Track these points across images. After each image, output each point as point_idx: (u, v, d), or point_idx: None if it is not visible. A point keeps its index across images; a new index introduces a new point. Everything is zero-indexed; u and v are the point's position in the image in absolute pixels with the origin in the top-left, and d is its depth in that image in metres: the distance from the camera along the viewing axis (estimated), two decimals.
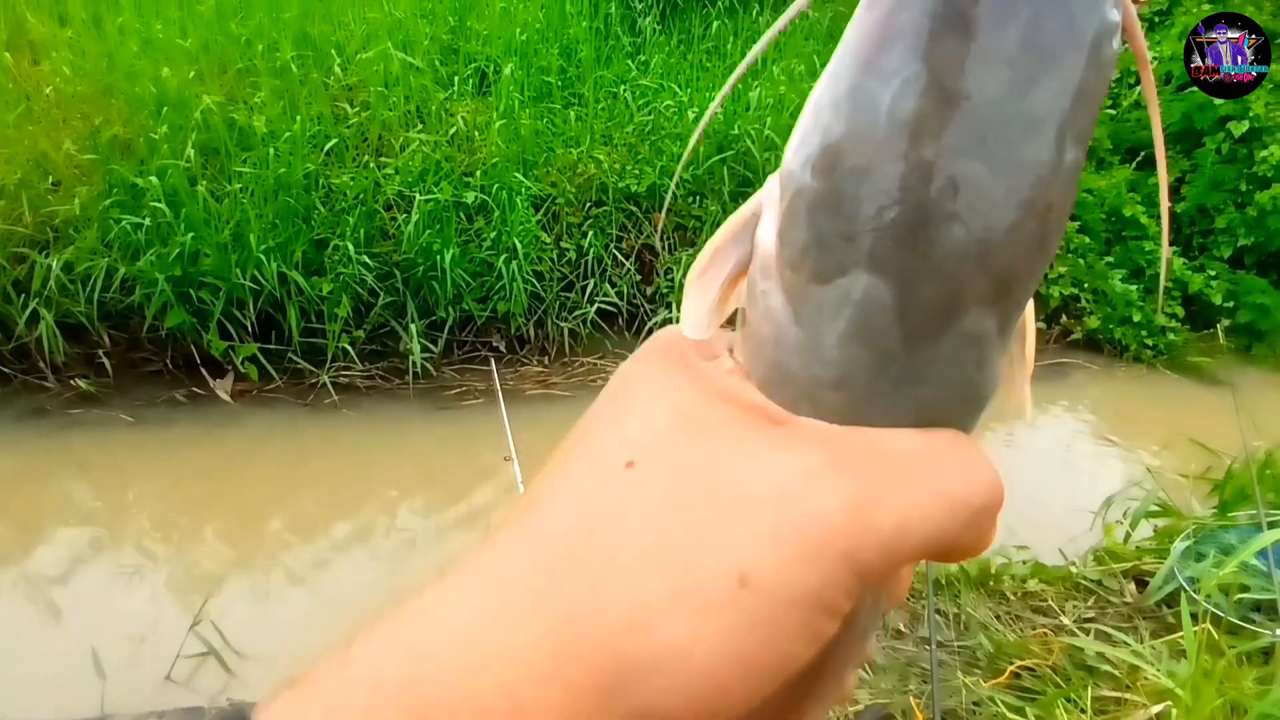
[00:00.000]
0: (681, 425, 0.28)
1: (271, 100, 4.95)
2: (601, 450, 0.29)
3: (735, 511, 0.26)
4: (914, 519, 0.26)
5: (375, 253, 4.73)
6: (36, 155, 4.64)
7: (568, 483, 0.29)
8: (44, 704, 2.64)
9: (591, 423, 0.31)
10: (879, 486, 0.26)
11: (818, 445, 0.27)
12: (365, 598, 3.36)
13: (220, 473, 4.11)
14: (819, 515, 0.25)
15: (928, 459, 0.27)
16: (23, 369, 4.45)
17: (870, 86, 0.26)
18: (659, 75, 5.95)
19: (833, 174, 0.27)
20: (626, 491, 0.27)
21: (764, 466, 0.27)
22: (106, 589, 3.36)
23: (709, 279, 0.32)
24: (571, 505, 0.28)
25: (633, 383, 0.32)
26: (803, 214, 0.28)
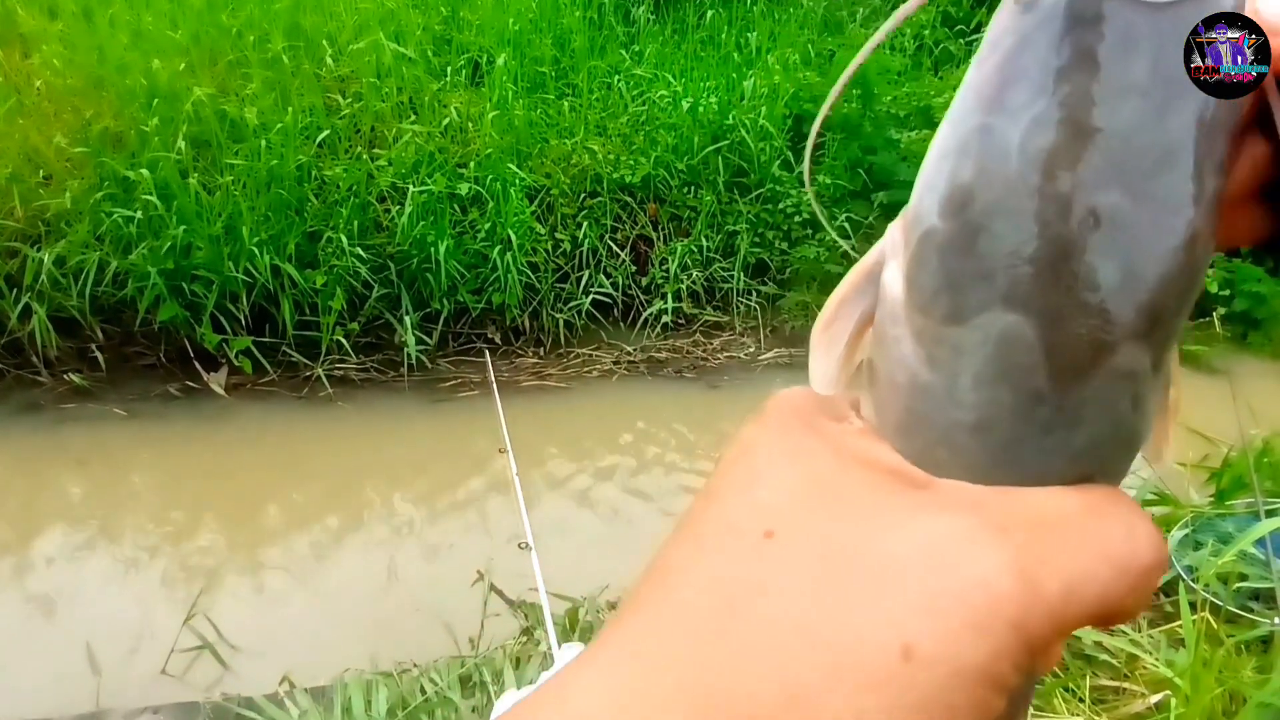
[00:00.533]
0: (817, 492, 0.27)
1: (263, 92, 4.92)
2: (734, 520, 0.28)
3: (888, 581, 0.24)
4: (1081, 583, 0.25)
5: (369, 245, 4.70)
6: (27, 149, 4.60)
7: (702, 555, 0.27)
8: (39, 699, 2.63)
9: (718, 490, 0.30)
10: (1041, 548, 0.25)
11: (967, 508, 0.26)
12: (360, 590, 3.35)
13: (215, 466, 4.10)
14: (981, 581, 0.24)
15: (1088, 518, 0.26)
16: (15, 364, 4.43)
17: (998, 125, 0.26)
18: (653, 65, 5.92)
19: (964, 213, 0.26)
20: (768, 563, 0.26)
21: (912, 532, 0.25)
22: (101, 584, 3.35)
23: (835, 332, 0.31)
24: (710, 579, 0.26)
25: (758, 448, 0.30)
26: (933, 255, 0.27)
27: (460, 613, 3.04)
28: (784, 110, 5.62)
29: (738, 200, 5.41)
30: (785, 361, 5.14)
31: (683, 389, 4.89)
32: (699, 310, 5.28)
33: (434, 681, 2.55)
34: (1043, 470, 0.27)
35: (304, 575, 3.43)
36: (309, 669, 2.68)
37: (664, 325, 5.14)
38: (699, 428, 4.67)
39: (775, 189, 5.41)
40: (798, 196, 5.38)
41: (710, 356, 5.11)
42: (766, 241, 5.40)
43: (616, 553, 3.56)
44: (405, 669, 2.67)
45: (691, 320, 5.26)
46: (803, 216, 5.36)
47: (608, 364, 4.98)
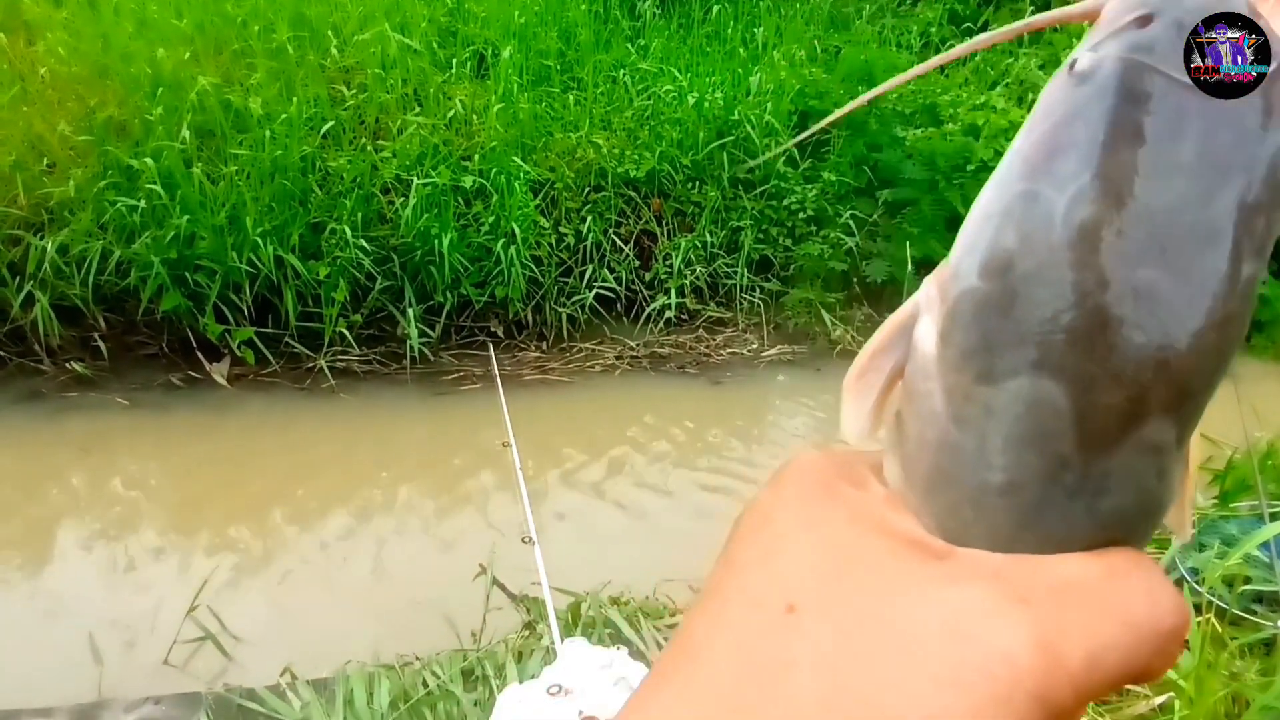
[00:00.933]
0: (837, 563, 0.27)
1: (267, 82, 4.91)
2: (755, 593, 0.28)
3: (910, 655, 0.24)
4: (1103, 651, 0.25)
5: (372, 236, 4.69)
6: (31, 137, 4.60)
7: (724, 629, 0.27)
8: (41, 689, 2.63)
9: (737, 560, 0.30)
10: (1062, 618, 0.25)
11: (987, 578, 0.26)
12: (362, 583, 3.35)
13: (217, 457, 4.10)
14: (1003, 654, 0.24)
15: (1109, 584, 0.26)
16: (18, 352, 4.42)
17: (1044, 193, 0.26)
18: (658, 59, 5.91)
19: (1004, 277, 0.27)
20: (790, 638, 0.26)
21: (932, 604, 0.25)
22: (103, 574, 3.35)
23: (867, 383, 0.31)
24: (733, 654, 0.26)
25: (776, 515, 0.30)
26: (970, 315, 0.27)
27: (462, 606, 3.04)
28: (789, 106, 5.61)
29: (742, 196, 5.40)
30: (788, 358, 5.14)
31: (685, 385, 4.89)
32: (702, 306, 5.27)
33: (436, 675, 2.55)
34: (1067, 534, 0.27)
35: (306, 567, 3.43)
36: (311, 661, 2.68)
37: (667, 320, 5.14)
38: (702, 423, 4.67)
39: (780, 185, 5.40)
40: (802, 193, 5.37)
41: (713, 352, 5.10)
42: (770, 238, 5.39)
43: (619, 548, 3.56)
44: (407, 662, 2.68)
45: (694, 316, 5.26)
46: (806, 213, 5.35)
47: (610, 359, 4.98)
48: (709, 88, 5.57)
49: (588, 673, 2.31)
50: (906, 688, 0.24)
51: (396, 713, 2.42)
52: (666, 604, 2.98)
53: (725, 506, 3.90)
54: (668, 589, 3.07)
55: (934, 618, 0.25)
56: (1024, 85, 6.03)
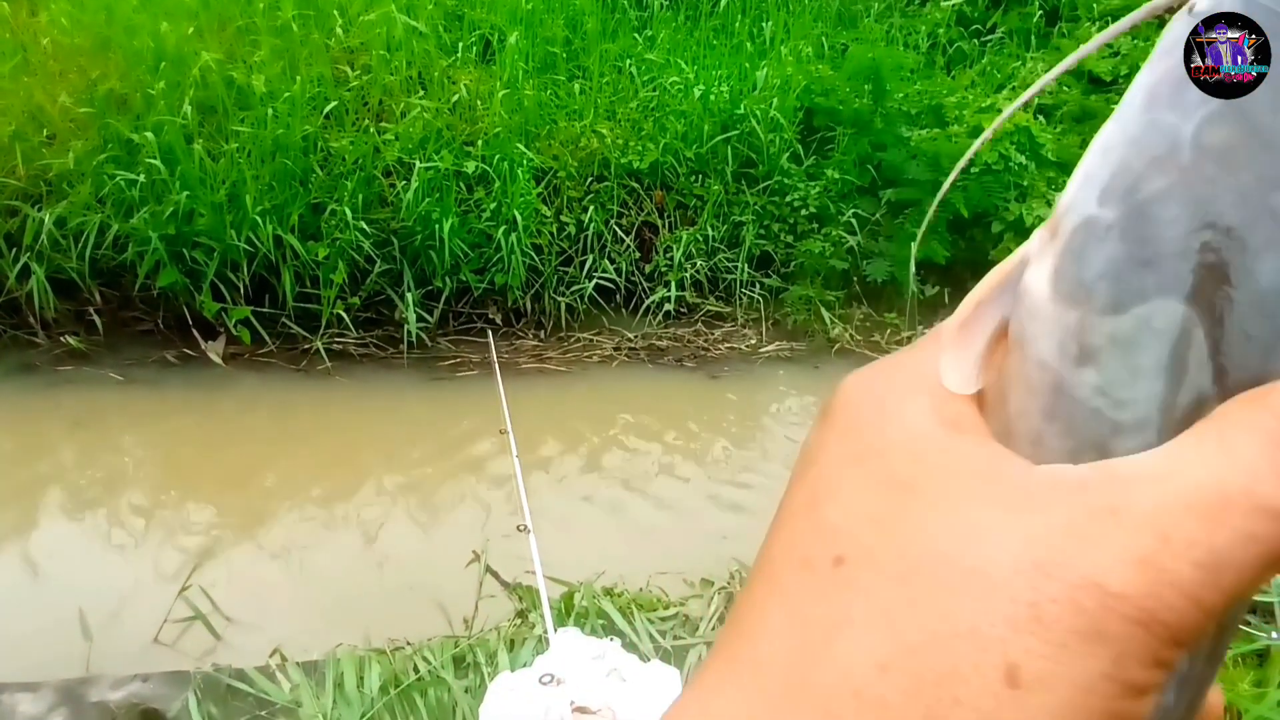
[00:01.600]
0: (891, 499, 0.24)
1: (271, 60, 4.87)
2: (803, 549, 0.25)
3: (981, 596, 0.21)
4: (1228, 548, 0.21)
5: (373, 219, 4.67)
6: (32, 107, 4.56)
7: (773, 595, 0.25)
8: (29, 663, 2.61)
9: (786, 514, 0.27)
10: (1162, 522, 0.21)
11: (1068, 494, 0.22)
12: (354, 567, 3.34)
13: (211, 436, 4.08)
14: (1090, 580, 0.20)
15: (1223, 464, 0.22)
16: (12, 324, 4.40)
17: (1169, 120, 0.25)
18: (665, 51, 5.88)
19: (1129, 199, 0.25)
20: (841, 595, 0.23)
21: (1006, 535, 0.22)
22: (94, 550, 3.33)
23: (971, 331, 0.28)
24: (782, 623, 0.24)
25: (819, 454, 0.27)
26: (1091, 244, 0.25)
27: (455, 593, 3.03)
28: (795, 103, 5.59)
29: (745, 191, 5.39)
30: (786, 355, 5.14)
31: (683, 378, 4.88)
32: (702, 300, 5.26)
33: (427, 660, 2.55)
34: None
35: (298, 549, 3.42)
36: (301, 643, 2.67)
37: (666, 313, 5.13)
38: (698, 417, 4.66)
39: (783, 181, 5.39)
40: (805, 190, 5.36)
41: (711, 346, 5.10)
42: (772, 234, 5.38)
43: (612, 539, 3.55)
44: (398, 646, 2.67)
45: (694, 309, 5.24)
46: (808, 210, 5.34)
47: (608, 349, 4.97)
48: (715, 81, 5.54)
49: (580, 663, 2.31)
50: (978, 635, 0.21)
51: (386, 697, 2.42)
52: (660, 596, 2.98)
53: (720, 500, 3.90)
54: (661, 581, 3.07)
55: (1003, 550, 0.21)
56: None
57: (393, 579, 3.21)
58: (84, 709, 2.41)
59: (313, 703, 2.41)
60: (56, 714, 2.39)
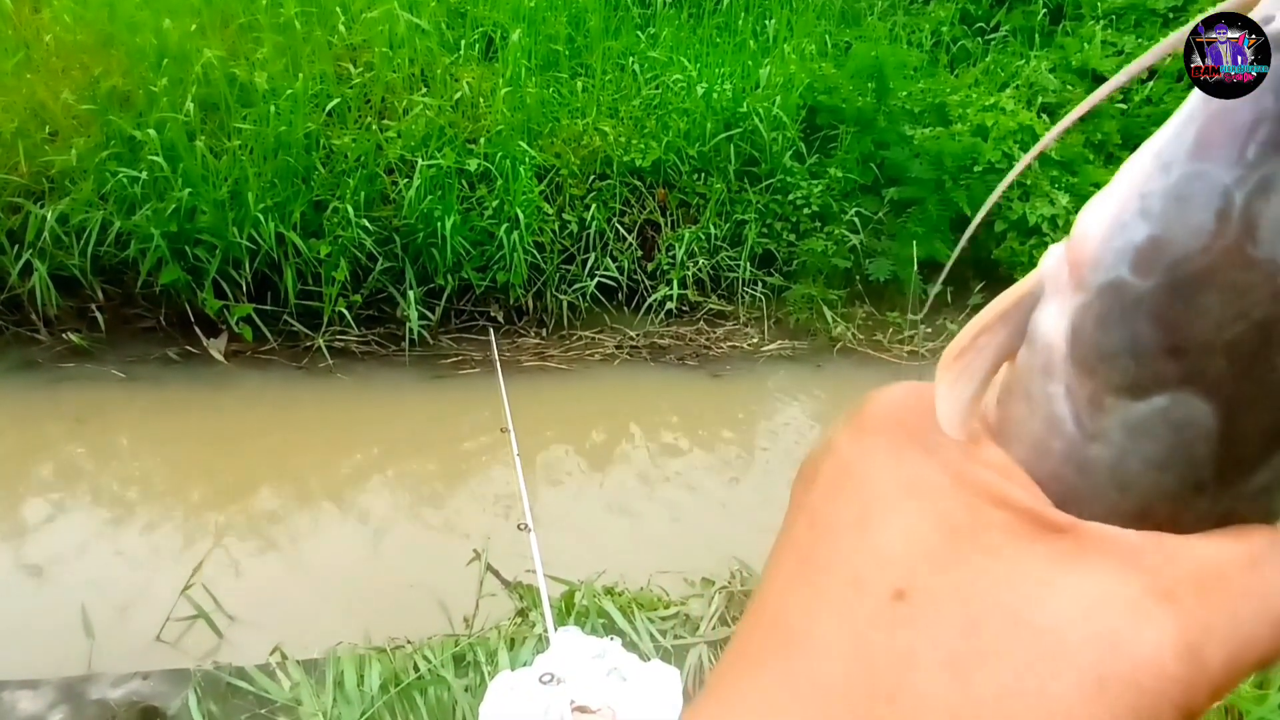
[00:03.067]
0: (949, 541, 0.24)
1: (273, 57, 4.86)
2: (857, 572, 0.25)
3: (1048, 657, 0.22)
4: (1245, 650, 0.23)
5: (375, 217, 4.66)
6: (34, 104, 4.55)
7: (828, 615, 0.25)
8: (31, 661, 2.61)
9: (825, 522, 0.27)
10: (1207, 617, 0.23)
11: (1123, 563, 0.23)
12: (355, 565, 3.34)
13: (213, 433, 4.08)
14: (1149, 662, 0.22)
15: (1252, 575, 0.24)
16: (14, 320, 4.40)
17: (1221, 178, 0.23)
18: (668, 48, 5.87)
19: (1163, 274, 0.23)
20: (906, 632, 0.23)
21: (1066, 595, 0.23)
22: (96, 547, 3.33)
23: (967, 365, 0.27)
24: (842, 647, 0.24)
25: (869, 473, 0.27)
26: (1114, 314, 0.24)
27: (456, 591, 3.03)
28: (798, 101, 5.58)
29: (747, 189, 5.38)
30: (788, 354, 5.13)
31: (685, 376, 4.88)
32: (704, 298, 5.26)
33: (427, 659, 2.55)
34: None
35: (299, 547, 3.42)
36: (302, 641, 2.67)
37: (668, 311, 5.12)
38: (700, 415, 4.66)
39: (785, 180, 5.38)
40: (807, 188, 5.35)
41: (713, 345, 5.09)
42: (774, 232, 5.37)
43: (614, 538, 3.55)
44: (398, 645, 2.67)
45: (696, 308, 5.24)
46: (811, 209, 5.33)
47: (610, 348, 4.96)
48: (718, 79, 5.53)
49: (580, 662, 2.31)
50: (1049, 698, 0.22)
51: (386, 696, 2.41)
52: (661, 595, 2.97)
53: (721, 499, 3.89)
54: (662, 580, 3.07)
55: (1068, 614, 0.22)
56: (1034, 88, 6.01)
57: (393, 577, 3.21)
58: (84, 706, 2.41)
59: (313, 701, 2.41)
60: (56, 712, 2.39)
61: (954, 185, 5.31)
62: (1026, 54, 6.41)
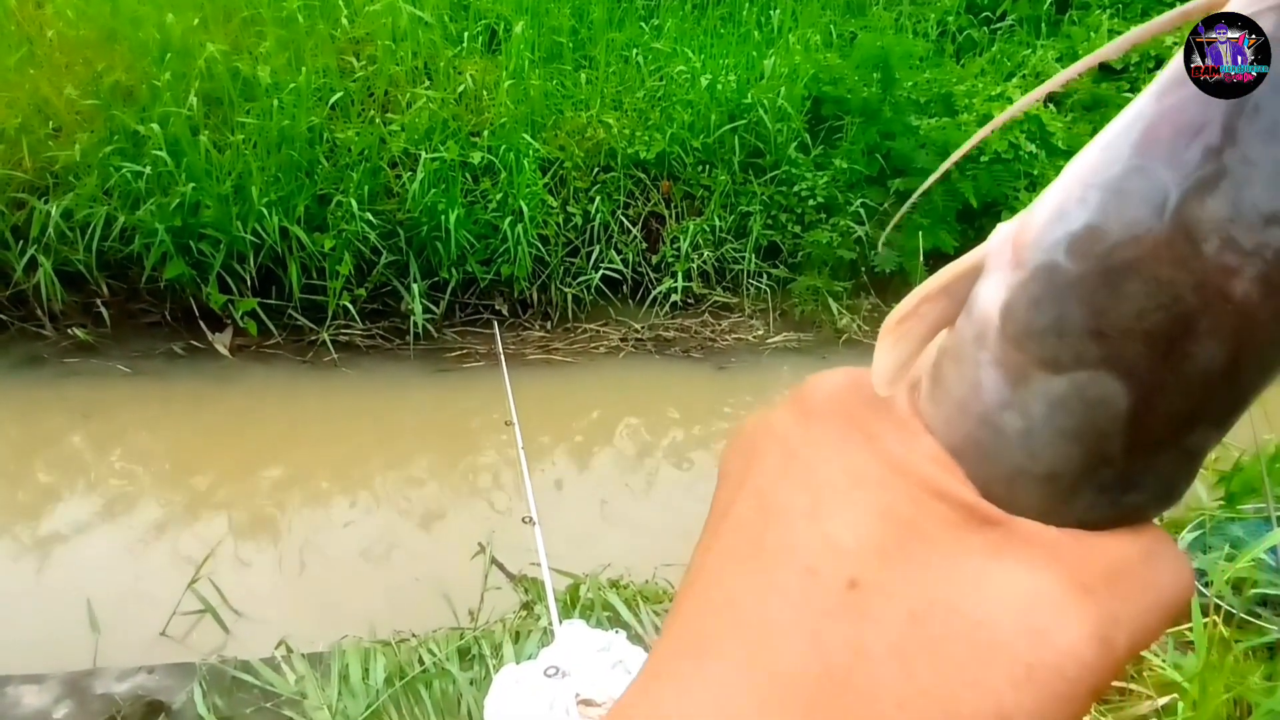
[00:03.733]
0: (895, 533, 0.26)
1: (276, 50, 4.86)
2: (808, 557, 0.26)
3: (983, 650, 0.24)
4: (1142, 635, 0.26)
5: (379, 210, 4.66)
6: (38, 100, 4.56)
7: (783, 602, 0.26)
8: (36, 655, 2.62)
9: (775, 506, 0.28)
10: (1116, 608, 0.25)
11: (1046, 559, 0.25)
12: (359, 559, 3.34)
13: (219, 427, 4.08)
14: (1074, 653, 0.24)
15: (1149, 568, 0.27)
16: (20, 316, 4.40)
17: (1160, 176, 0.24)
18: (672, 40, 5.84)
19: (1094, 261, 0.25)
20: (858, 623, 0.25)
21: (998, 590, 0.25)
22: (100, 542, 3.34)
23: (908, 330, 0.29)
24: (799, 635, 0.25)
25: (816, 461, 0.28)
26: (1046, 294, 0.25)
27: (460, 585, 3.02)
28: (803, 92, 5.55)
29: (752, 181, 5.36)
30: (794, 346, 5.11)
31: (690, 369, 4.87)
32: (709, 290, 5.24)
33: (432, 652, 2.54)
34: (1089, 519, 0.27)
35: (303, 541, 3.42)
36: (307, 635, 2.67)
37: (673, 304, 5.11)
38: (705, 408, 4.65)
39: (790, 171, 5.35)
40: (813, 180, 5.32)
41: (718, 337, 5.08)
42: (779, 224, 5.35)
43: (619, 531, 3.55)
44: (403, 638, 2.66)
45: (701, 300, 5.22)
46: (816, 200, 5.31)
47: (615, 341, 4.95)
48: (722, 70, 5.51)
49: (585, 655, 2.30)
50: (983, 686, 0.24)
51: (391, 689, 2.41)
52: (666, 588, 2.97)
53: None
54: (667, 573, 3.06)
55: (1002, 606, 0.24)
56: (1040, 77, 5.97)
57: (398, 571, 3.20)
58: (89, 701, 2.42)
59: (318, 694, 2.41)
60: (61, 706, 2.40)
61: (960, 176, 5.28)
62: (1033, 43, 6.36)
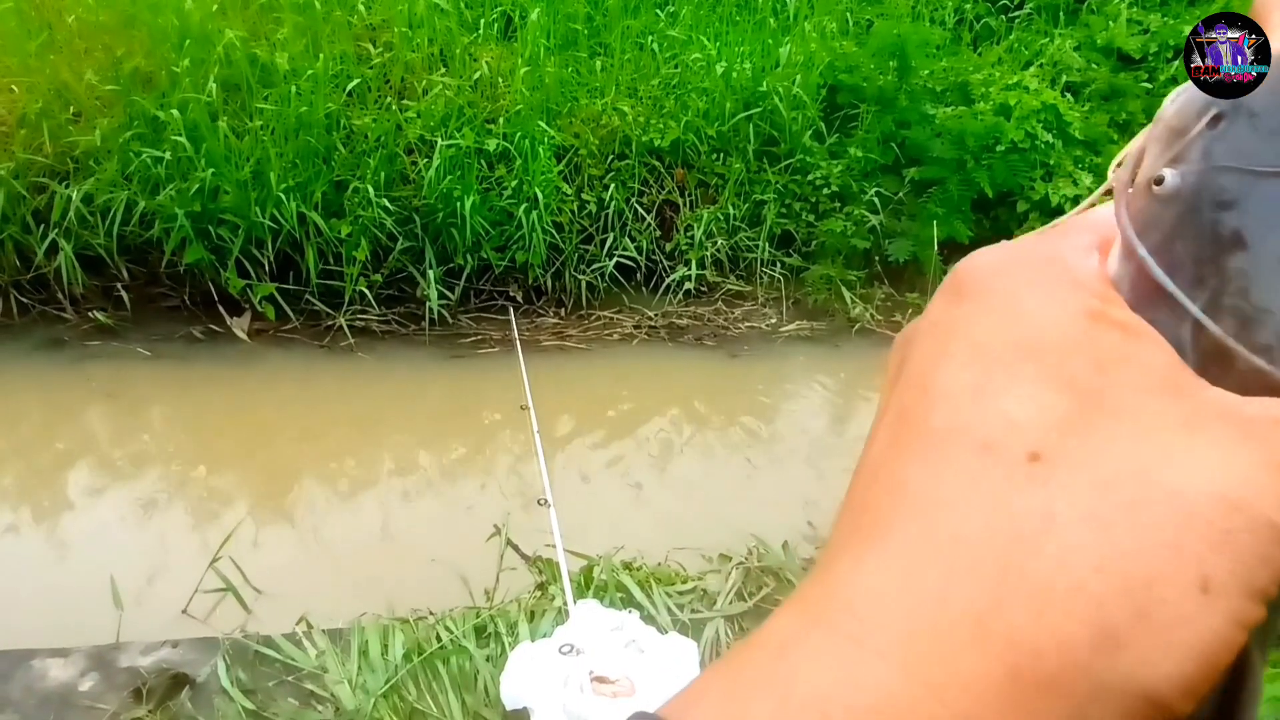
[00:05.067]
0: (1079, 405, 0.25)
1: (294, 37, 4.88)
2: (982, 434, 0.26)
3: (1178, 514, 0.24)
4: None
5: (395, 197, 4.69)
6: (58, 85, 4.60)
7: (958, 479, 0.25)
8: (61, 631, 2.67)
9: (937, 389, 0.27)
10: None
11: (1240, 436, 0.25)
12: (378, 539, 3.38)
13: (237, 410, 4.13)
14: (1270, 523, 0.24)
15: None
16: (41, 299, 4.46)
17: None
18: (687, 27, 5.84)
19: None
20: (1045, 492, 0.25)
21: (1192, 463, 0.24)
22: (124, 521, 3.39)
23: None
24: (981, 505, 0.25)
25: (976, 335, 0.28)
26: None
27: (477, 565, 3.06)
28: (818, 80, 5.54)
29: (767, 169, 5.36)
30: (806, 334, 5.12)
31: (702, 356, 4.89)
32: (722, 278, 5.25)
33: (449, 630, 2.59)
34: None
35: (322, 521, 3.46)
36: (326, 612, 2.71)
37: (686, 292, 5.12)
38: (718, 395, 4.67)
39: (805, 160, 5.35)
40: (827, 168, 5.32)
41: (731, 325, 5.09)
42: (793, 212, 5.35)
43: (632, 514, 3.58)
44: (421, 616, 2.71)
45: (714, 288, 5.23)
46: (831, 189, 5.31)
47: (628, 328, 4.97)
48: (737, 58, 5.50)
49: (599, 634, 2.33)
50: (1182, 548, 0.23)
51: (410, 664, 2.45)
52: (679, 571, 3.00)
53: (738, 478, 3.91)
54: (680, 556, 3.09)
55: (1199, 480, 0.24)
56: (1058, 66, 5.94)
57: (415, 551, 3.25)
58: (114, 674, 2.47)
59: (338, 669, 2.46)
60: (87, 679, 2.45)
61: (976, 165, 5.27)
62: (1051, 32, 6.33)
